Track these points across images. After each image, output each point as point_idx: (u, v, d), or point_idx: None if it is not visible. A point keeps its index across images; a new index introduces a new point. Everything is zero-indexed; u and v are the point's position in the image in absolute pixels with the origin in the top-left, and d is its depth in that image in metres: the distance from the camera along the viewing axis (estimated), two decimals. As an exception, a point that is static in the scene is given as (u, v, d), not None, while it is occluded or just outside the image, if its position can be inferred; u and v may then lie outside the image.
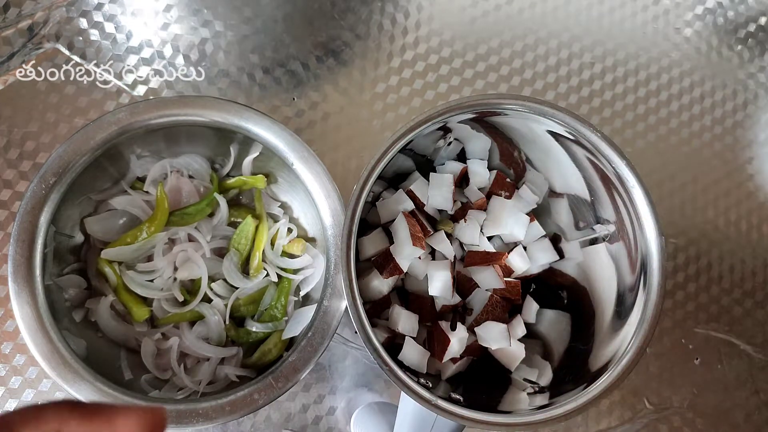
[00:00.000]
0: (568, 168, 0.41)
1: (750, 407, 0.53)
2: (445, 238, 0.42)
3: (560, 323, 0.44)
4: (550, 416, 0.35)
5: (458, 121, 0.39)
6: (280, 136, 0.39)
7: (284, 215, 0.45)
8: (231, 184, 0.44)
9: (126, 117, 0.38)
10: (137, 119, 0.38)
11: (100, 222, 0.42)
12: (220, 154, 0.44)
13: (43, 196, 0.36)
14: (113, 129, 0.38)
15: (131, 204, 0.43)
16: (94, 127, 0.38)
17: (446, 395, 0.35)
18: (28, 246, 0.36)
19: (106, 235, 0.42)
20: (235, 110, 0.39)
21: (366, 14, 0.53)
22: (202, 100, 0.39)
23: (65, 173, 0.37)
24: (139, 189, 0.43)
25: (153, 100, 0.39)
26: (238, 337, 0.42)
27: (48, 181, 0.36)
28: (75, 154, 0.37)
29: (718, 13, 0.59)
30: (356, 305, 0.34)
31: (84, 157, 0.37)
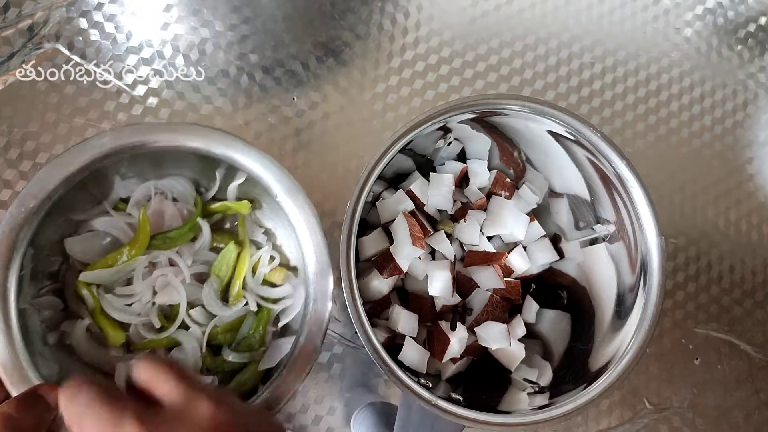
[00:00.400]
0: (568, 168, 0.41)
1: (750, 407, 0.53)
2: (445, 238, 0.42)
3: (560, 323, 0.44)
4: (550, 416, 0.35)
5: (458, 121, 0.39)
6: (267, 168, 0.38)
7: (267, 242, 0.44)
8: (215, 208, 0.43)
9: (110, 141, 0.37)
10: (122, 144, 0.37)
11: (80, 243, 0.41)
12: (206, 178, 0.44)
13: (21, 220, 0.35)
14: (96, 153, 0.37)
15: (113, 226, 0.42)
16: (77, 150, 0.36)
17: (446, 395, 0.35)
18: (4, 270, 0.35)
19: (86, 256, 0.41)
20: (222, 139, 0.38)
21: (366, 14, 0.53)
22: (188, 127, 0.38)
23: (46, 197, 0.36)
24: (122, 210, 0.43)
25: (139, 126, 0.38)
26: (215, 365, 0.41)
27: (27, 205, 0.35)
28: (56, 178, 0.36)
29: (718, 13, 0.59)
30: (356, 305, 0.34)
31: (65, 181, 0.36)
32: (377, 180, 0.36)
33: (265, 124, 0.50)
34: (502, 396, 0.40)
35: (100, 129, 0.48)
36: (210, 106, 0.50)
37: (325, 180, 0.50)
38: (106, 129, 0.48)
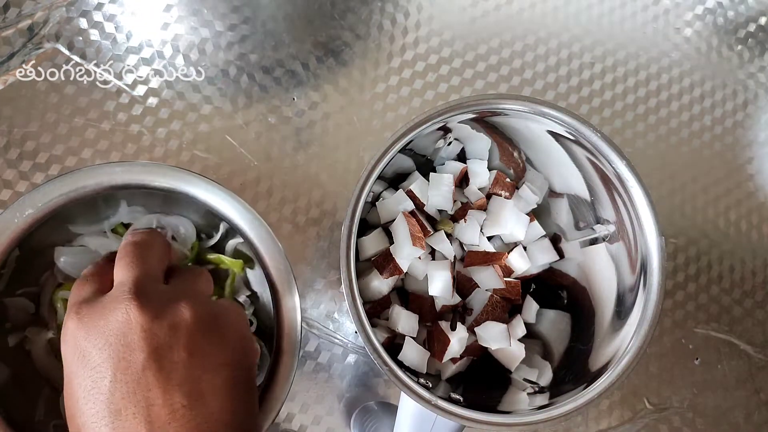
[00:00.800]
0: (568, 168, 0.41)
1: (750, 407, 0.53)
2: (445, 238, 0.42)
3: (560, 323, 0.44)
4: (550, 416, 0.35)
5: (458, 121, 0.39)
6: (268, 247, 0.37)
7: (250, 306, 0.43)
8: (209, 258, 0.43)
9: (120, 174, 0.36)
10: (131, 180, 0.36)
11: (70, 254, 0.40)
12: (210, 227, 0.43)
13: (14, 225, 0.35)
14: (104, 181, 0.36)
15: (106, 248, 0.41)
16: (86, 174, 0.36)
17: (446, 395, 0.35)
18: None
19: (71, 268, 0.40)
20: (225, 199, 0.37)
21: (366, 14, 0.53)
22: (199, 180, 0.37)
23: (45, 210, 0.35)
24: (119, 234, 0.42)
25: (151, 166, 0.37)
26: None
27: (23, 212, 0.35)
28: (57, 193, 0.35)
29: (718, 13, 0.59)
30: (356, 305, 0.34)
31: (68, 199, 0.36)
32: (377, 180, 0.36)
33: (265, 124, 0.50)
34: (502, 396, 0.40)
35: (100, 129, 0.48)
36: (210, 106, 0.50)
37: (325, 180, 0.50)
38: (106, 129, 0.48)
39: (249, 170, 0.49)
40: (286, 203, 0.49)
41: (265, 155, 0.50)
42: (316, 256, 0.49)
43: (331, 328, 0.48)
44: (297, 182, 0.50)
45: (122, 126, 0.49)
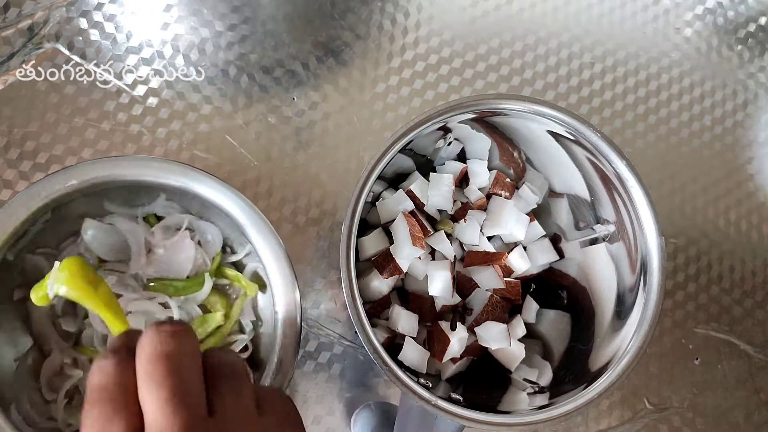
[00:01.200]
0: (568, 168, 0.41)
1: (750, 407, 0.53)
2: (445, 238, 0.42)
3: (560, 323, 0.44)
4: (550, 416, 0.35)
5: (458, 121, 0.39)
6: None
7: (251, 332, 0.43)
8: (227, 274, 0.43)
9: (161, 171, 0.37)
10: (167, 181, 0.37)
11: (97, 229, 0.41)
12: (237, 243, 0.43)
13: (54, 191, 0.36)
14: (149, 174, 0.37)
15: (134, 234, 0.41)
16: (132, 164, 0.37)
17: (446, 395, 0.35)
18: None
19: (96, 244, 0.41)
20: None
21: (366, 14, 0.53)
22: (234, 196, 0.37)
23: (86, 183, 0.36)
24: (150, 223, 0.42)
25: (199, 174, 0.37)
26: None
27: (67, 181, 0.36)
28: (102, 174, 0.36)
29: (718, 13, 0.59)
30: (356, 305, 0.34)
31: (106, 179, 0.37)
32: (377, 180, 0.36)
33: (265, 124, 0.50)
34: (502, 396, 0.40)
35: (100, 129, 0.48)
36: (210, 106, 0.50)
37: (325, 180, 0.50)
38: (106, 129, 0.48)
39: (249, 170, 0.49)
40: (286, 203, 0.49)
41: (265, 155, 0.50)
42: (316, 256, 0.49)
43: (331, 328, 0.48)
44: (297, 182, 0.50)
45: (122, 126, 0.49)
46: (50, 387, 0.40)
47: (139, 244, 0.41)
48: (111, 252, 0.41)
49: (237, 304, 0.43)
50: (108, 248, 0.41)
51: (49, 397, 0.39)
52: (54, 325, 0.41)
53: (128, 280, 0.41)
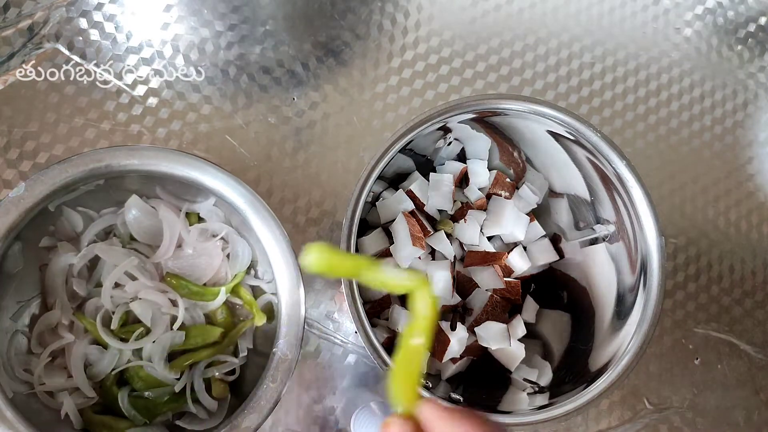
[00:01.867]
0: (568, 168, 0.41)
1: (750, 407, 0.53)
2: (445, 238, 0.42)
3: (560, 323, 0.44)
4: (550, 416, 0.35)
5: (458, 122, 0.39)
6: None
7: (242, 358, 0.43)
8: (242, 295, 0.43)
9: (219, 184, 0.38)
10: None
11: (140, 209, 0.41)
12: (263, 268, 0.44)
13: (115, 164, 0.37)
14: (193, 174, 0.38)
15: (171, 225, 0.42)
16: (183, 162, 0.37)
17: (446, 395, 0.35)
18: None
19: (131, 219, 0.41)
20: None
21: (366, 14, 0.53)
22: (268, 219, 0.38)
23: (143, 167, 0.37)
24: (190, 222, 0.43)
25: (240, 189, 0.38)
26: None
27: (126, 160, 0.37)
28: (159, 163, 0.37)
29: (718, 13, 0.59)
30: (356, 305, 0.34)
31: (160, 169, 0.38)
32: (377, 180, 0.36)
33: (265, 124, 0.50)
34: (502, 396, 0.40)
35: (100, 129, 0.48)
36: (210, 106, 0.50)
37: (325, 180, 0.50)
38: (106, 129, 0.48)
39: (249, 170, 0.49)
40: (286, 203, 0.49)
41: (265, 155, 0.50)
42: (316, 256, 0.49)
43: (331, 328, 0.48)
44: (297, 182, 0.50)
45: (122, 126, 0.49)
46: (39, 340, 0.40)
47: (172, 235, 0.42)
48: (144, 234, 0.42)
49: (240, 326, 0.43)
50: (143, 230, 0.42)
51: (35, 349, 0.40)
52: (66, 283, 0.41)
53: (148, 266, 0.42)
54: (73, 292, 0.41)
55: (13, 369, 0.38)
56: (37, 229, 0.39)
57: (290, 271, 0.37)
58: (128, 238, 0.43)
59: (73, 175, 0.37)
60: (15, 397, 0.36)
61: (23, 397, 0.38)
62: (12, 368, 0.38)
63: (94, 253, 0.41)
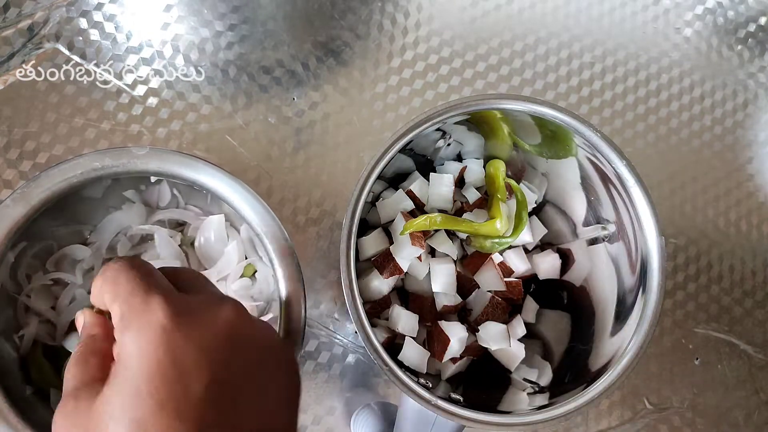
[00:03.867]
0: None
1: (750, 407, 0.53)
2: (446, 238, 0.42)
3: (560, 323, 0.44)
4: (550, 416, 0.35)
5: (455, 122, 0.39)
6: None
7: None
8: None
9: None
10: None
11: (217, 232, 0.42)
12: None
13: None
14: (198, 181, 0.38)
15: (228, 261, 0.43)
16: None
17: (446, 395, 0.35)
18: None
19: (203, 237, 0.43)
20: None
21: (366, 14, 0.53)
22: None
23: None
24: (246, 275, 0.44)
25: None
26: None
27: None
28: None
29: (718, 13, 0.59)
30: (356, 305, 0.34)
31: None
32: (377, 180, 0.36)
33: (265, 124, 0.50)
34: (502, 396, 0.40)
35: (100, 129, 0.48)
36: (210, 106, 0.50)
37: (325, 180, 0.50)
38: (106, 129, 0.48)
39: (249, 170, 0.49)
40: (286, 203, 0.49)
41: (265, 155, 0.50)
42: (316, 256, 0.49)
43: (331, 328, 0.48)
44: (297, 182, 0.50)
45: (122, 126, 0.49)
46: (56, 262, 0.41)
47: (221, 271, 0.43)
48: (203, 251, 0.44)
49: None
50: (205, 248, 0.43)
51: (49, 266, 0.41)
52: (115, 236, 0.42)
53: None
54: (113, 247, 0.42)
55: (18, 270, 0.38)
56: (131, 181, 0.41)
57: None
58: (189, 242, 0.44)
59: (187, 175, 0.37)
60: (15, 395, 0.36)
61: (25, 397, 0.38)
62: (18, 268, 0.38)
63: (169, 217, 0.43)
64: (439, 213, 0.40)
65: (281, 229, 0.37)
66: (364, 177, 0.35)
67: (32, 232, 0.37)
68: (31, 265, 0.40)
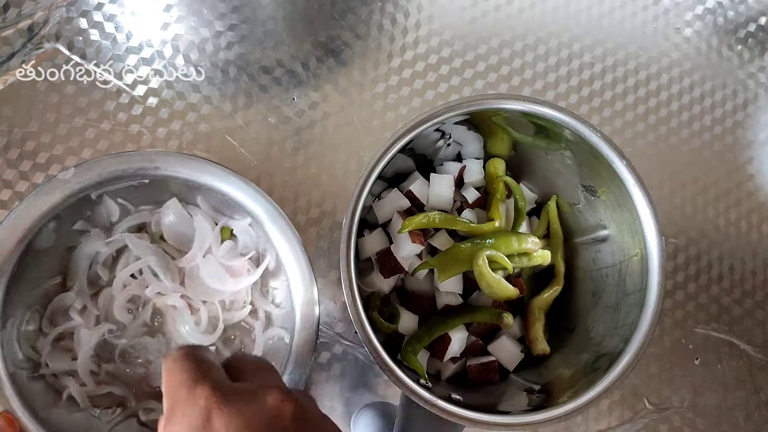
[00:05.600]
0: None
1: (750, 407, 0.53)
2: (448, 237, 0.42)
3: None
4: (550, 416, 0.35)
5: (455, 122, 0.39)
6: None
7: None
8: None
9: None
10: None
11: (177, 214, 0.42)
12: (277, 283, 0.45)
13: (167, 171, 0.38)
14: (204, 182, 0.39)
15: (203, 234, 0.42)
16: (221, 176, 0.38)
17: (446, 395, 0.35)
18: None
19: (167, 221, 0.42)
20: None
21: (366, 14, 0.53)
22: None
23: (191, 176, 0.38)
24: (223, 237, 0.44)
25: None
26: None
27: (179, 170, 0.38)
28: (209, 180, 0.38)
29: (718, 13, 0.59)
30: (356, 305, 0.34)
31: (202, 186, 0.38)
32: (377, 180, 0.36)
33: (265, 124, 0.50)
34: (502, 396, 0.40)
35: (100, 129, 0.48)
36: (210, 106, 0.50)
37: (325, 180, 0.50)
38: (106, 129, 0.48)
39: (249, 170, 0.49)
40: (286, 203, 0.49)
41: (265, 155, 0.50)
42: (316, 256, 0.49)
43: (331, 328, 0.48)
44: (297, 182, 0.50)
45: (122, 126, 0.49)
46: (51, 320, 0.41)
47: (202, 245, 0.42)
48: (175, 237, 0.43)
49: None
50: (175, 233, 0.43)
51: (45, 328, 0.40)
52: (89, 268, 0.42)
53: (173, 267, 0.43)
54: (94, 279, 0.42)
55: (20, 345, 0.38)
56: (74, 212, 0.40)
57: (302, 271, 0.38)
58: (158, 237, 0.44)
59: (123, 170, 0.38)
60: (17, 375, 0.36)
61: (27, 378, 0.38)
62: (20, 344, 0.38)
63: (123, 242, 0.42)
64: (439, 212, 0.40)
65: (293, 232, 0.38)
66: (364, 177, 0.35)
67: (11, 306, 0.37)
68: (28, 336, 0.39)
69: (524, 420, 0.35)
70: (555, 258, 0.43)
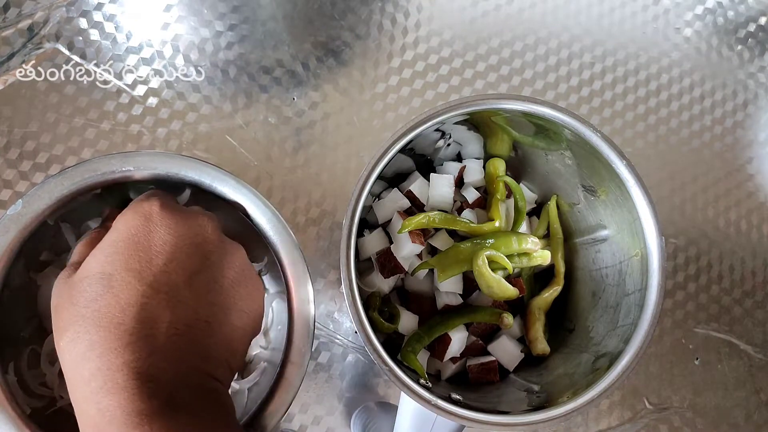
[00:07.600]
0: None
1: (750, 407, 0.53)
2: (448, 238, 0.42)
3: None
4: (550, 416, 0.35)
5: (454, 122, 0.39)
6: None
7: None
8: None
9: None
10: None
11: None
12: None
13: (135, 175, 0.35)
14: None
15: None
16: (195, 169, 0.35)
17: (446, 395, 0.35)
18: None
19: None
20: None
21: (366, 14, 0.53)
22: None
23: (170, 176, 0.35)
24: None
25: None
26: None
27: (155, 168, 0.35)
28: (188, 176, 0.36)
29: (718, 13, 0.59)
30: (356, 305, 0.34)
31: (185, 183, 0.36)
32: (377, 180, 0.36)
33: (265, 124, 0.50)
34: (502, 396, 0.40)
35: (100, 129, 0.48)
36: (210, 106, 0.50)
37: (325, 180, 0.50)
38: (106, 129, 0.48)
39: (249, 170, 0.49)
40: (286, 203, 0.49)
41: (265, 155, 0.50)
42: (316, 256, 0.49)
43: (331, 328, 0.48)
44: (297, 182, 0.50)
45: (122, 126, 0.49)
46: (48, 358, 0.39)
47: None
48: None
49: None
50: None
51: (45, 368, 0.39)
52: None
53: None
54: None
55: (29, 388, 0.37)
56: (39, 243, 0.37)
57: (298, 271, 0.37)
58: None
59: (69, 188, 0.35)
60: (36, 413, 0.35)
61: (46, 414, 0.37)
62: (27, 384, 0.37)
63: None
64: (439, 212, 0.40)
65: (290, 235, 0.37)
66: (364, 177, 0.35)
67: (6, 351, 0.35)
68: (34, 375, 0.37)
69: (524, 420, 0.35)
70: (555, 258, 0.43)
